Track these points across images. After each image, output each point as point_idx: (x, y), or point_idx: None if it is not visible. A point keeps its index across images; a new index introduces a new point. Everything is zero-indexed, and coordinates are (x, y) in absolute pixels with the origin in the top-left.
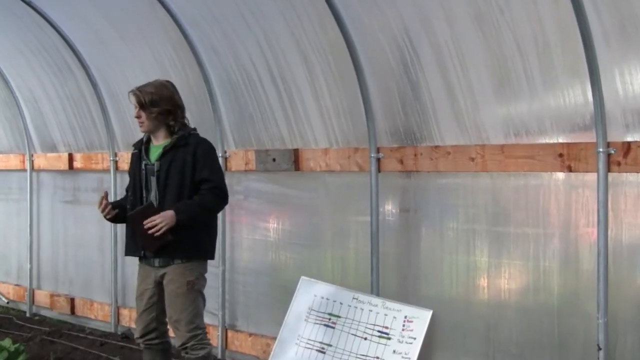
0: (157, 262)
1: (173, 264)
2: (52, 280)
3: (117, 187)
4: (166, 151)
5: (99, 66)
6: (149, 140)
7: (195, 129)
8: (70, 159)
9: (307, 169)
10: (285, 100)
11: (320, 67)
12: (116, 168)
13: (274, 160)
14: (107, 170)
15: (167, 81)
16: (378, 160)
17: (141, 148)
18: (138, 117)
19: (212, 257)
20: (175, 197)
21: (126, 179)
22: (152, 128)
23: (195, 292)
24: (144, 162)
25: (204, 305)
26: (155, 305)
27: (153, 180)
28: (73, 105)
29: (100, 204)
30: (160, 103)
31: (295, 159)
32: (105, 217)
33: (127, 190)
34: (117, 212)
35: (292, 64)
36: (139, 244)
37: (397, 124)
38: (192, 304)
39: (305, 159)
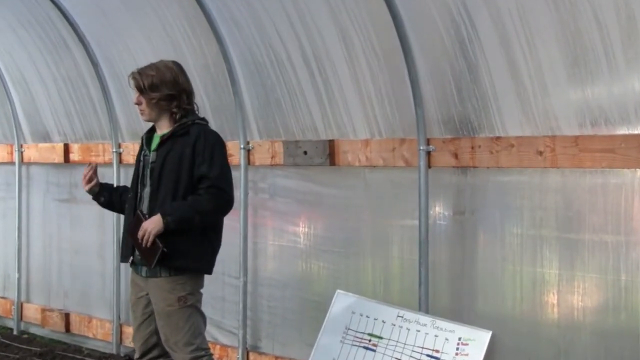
0: (143, 271)
1: (160, 276)
2: (43, 293)
3: (121, 184)
4: (164, 141)
5: (100, 42)
6: (153, 129)
7: (203, 119)
8: (66, 150)
9: (344, 164)
10: (319, 83)
11: (361, 45)
12: (120, 161)
13: (305, 153)
14: (109, 164)
15: (173, 62)
16: (428, 153)
17: (144, 136)
18: (138, 103)
19: (209, 271)
20: (169, 195)
21: (131, 173)
22: (153, 116)
23: (189, 308)
24: (143, 153)
25: (205, 323)
26: (153, 316)
27: (148, 173)
28: (70, 87)
29: (85, 176)
30: (162, 87)
31: (330, 152)
32: (87, 190)
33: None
34: (105, 196)
35: (327, 40)
36: (129, 248)
37: (450, 111)
38: (187, 321)
39: (341, 152)
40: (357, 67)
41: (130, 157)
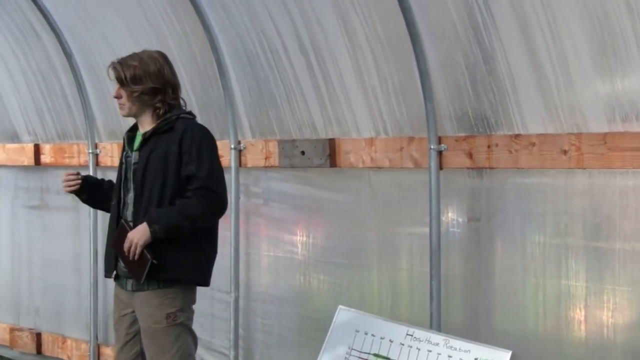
0: (129, 284)
1: (148, 289)
2: (11, 310)
3: None
4: (146, 139)
5: (74, 30)
6: (136, 127)
7: (190, 113)
8: (37, 151)
9: (346, 165)
10: (317, 75)
11: (364, 32)
12: (96, 163)
13: (302, 153)
14: (84, 166)
15: (157, 52)
16: (439, 153)
17: (125, 136)
18: (118, 97)
19: (204, 282)
20: (154, 199)
21: (109, 177)
22: (134, 111)
23: (178, 326)
24: (125, 154)
25: (195, 344)
26: (139, 336)
27: (131, 176)
28: (40, 81)
29: (68, 181)
30: (145, 79)
31: (330, 152)
32: (69, 190)
33: None
34: (87, 193)
35: (327, 27)
36: (112, 260)
37: (464, 106)
38: (175, 342)
39: (343, 152)
40: (360, 57)
41: (108, 158)
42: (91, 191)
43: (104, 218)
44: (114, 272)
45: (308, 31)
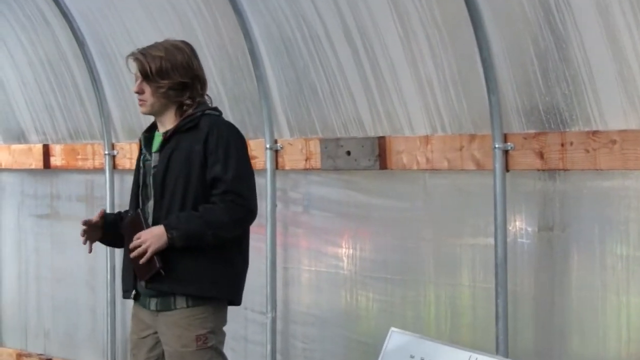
0: (153, 304)
1: (175, 308)
2: (18, 333)
3: (115, 194)
4: (167, 139)
5: (87, 15)
6: (154, 127)
7: (216, 109)
8: (46, 152)
9: (398, 167)
10: (365, 64)
11: (418, 15)
12: (113, 166)
13: (348, 153)
14: (99, 170)
15: (183, 42)
16: (506, 152)
17: (142, 137)
18: (140, 92)
19: (237, 301)
20: (176, 205)
21: (129, 183)
22: (157, 108)
23: (209, 350)
24: (142, 157)
25: None
26: None
27: (151, 181)
28: (50, 74)
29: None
30: (173, 73)
31: (380, 152)
32: (91, 242)
33: None
34: (110, 236)
35: (375, 10)
36: (131, 279)
37: (534, 98)
38: None
39: (395, 152)
40: (415, 45)
41: (126, 160)
42: (112, 230)
43: None
44: (134, 292)
45: (354, 14)
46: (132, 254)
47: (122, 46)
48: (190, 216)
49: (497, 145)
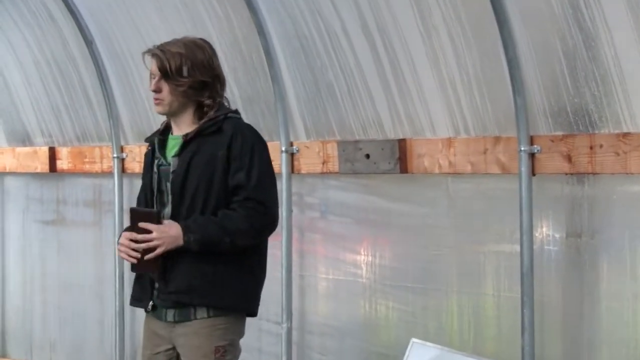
0: (170, 315)
1: (195, 318)
2: (23, 344)
3: (124, 199)
4: (187, 142)
5: (95, 12)
6: (167, 130)
7: (236, 111)
8: (52, 155)
9: (419, 171)
10: (385, 63)
11: (440, 11)
12: (122, 170)
13: (367, 157)
14: (108, 173)
15: (202, 39)
16: (532, 156)
17: (154, 142)
18: (157, 90)
19: (254, 312)
20: (197, 212)
21: (139, 187)
22: (174, 108)
23: None
24: (157, 162)
25: None
26: None
27: (169, 187)
28: (56, 73)
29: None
30: (193, 71)
31: (400, 155)
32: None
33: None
34: None
35: (396, 6)
36: (146, 289)
37: (561, 99)
38: None
39: (416, 155)
40: (437, 43)
41: (135, 164)
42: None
43: None
44: (150, 303)
45: (373, 10)
46: (140, 246)
47: (132, 44)
48: (208, 221)
49: (522, 148)
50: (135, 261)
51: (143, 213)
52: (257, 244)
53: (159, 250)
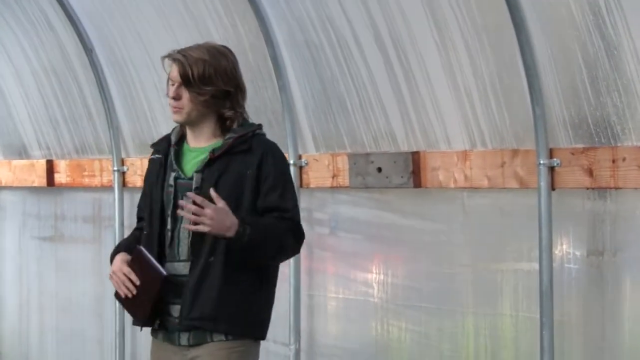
0: (184, 338)
1: (212, 340)
2: None
3: (125, 214)
4: (214, 158)
5: (95, 19)
6: (181, 139)
7: (260, 126)
8: (50, 169)
9: (433, 185)
10: (398, 73)
11: (456, 20)
12: (123, 183)
13: (379, 170)
14: (108, 187)
15: (224, 47)
16: (551, 169)
17: (168, 151)
18: (176, 97)
19: (264, 336)
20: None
21: (138, 199)
22: (193, 117)
23: None
24: (172, 174)
25: None
26: None
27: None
28: (55, 83)
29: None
30: (216, 80)
31: (414, 169)
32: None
33: (138, 219)
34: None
35: (410, 15)
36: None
37: (582, 110)
38: None
39: (430, 169)
40: (452, 51)
41: (137, 177)
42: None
43: None
44: (157, 322)
45: (386, 18)
46: (191, 217)
47: (133, 52)
48: (262, 224)
49: (542, 162)
50: (129, 295)
51: (150, 265)
52: (281, 262)
53: (203, 228)
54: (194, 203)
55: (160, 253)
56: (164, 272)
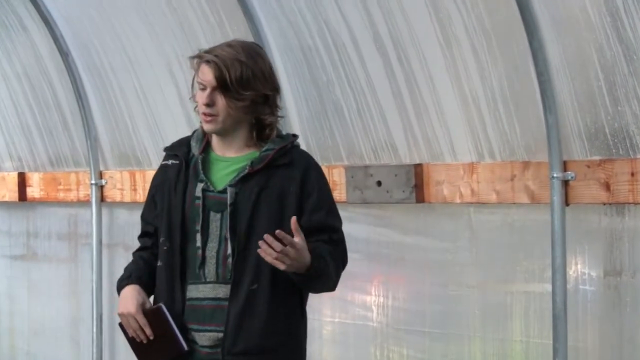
0: None
1: None
2: None
3: (103, 231)
4: (253, 172)
5: (71, 21)
6: (207, 147)
7: (296, 136)
8: (22, 182)
9: (437, 200)
10: (399, 78)
11: (462, 20)
12: (101, 198)
13: (379, 184)
14: (85, 202)
15: (257, 44)
16: (565, 183)
17: (187, 157)
18: (210, 104)
19: None
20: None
21: (120, 218)
22: (228, 126)
23: None
24: (200, 185)
25: None
26: None
27: (217, 220)
28: (27, 89)
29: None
30: (255, 83)
31: (416, 183)
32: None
33: (144, 234)
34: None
35: (412, 15)
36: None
37: (598, 119)
38: None
39: (434, 183)
40: (458, 56)
41: (116, 192)
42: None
43: (110, 271)
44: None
45: (386, 18)
46: (272, 257)
47: (113, 56)
48: (330, 253)
49: (555, 175)
50: (142, 340)
51: (171, 333)
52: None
53: (280, 266)
54: (274, 236)
55: (182, 274)
56: (185, 346)
